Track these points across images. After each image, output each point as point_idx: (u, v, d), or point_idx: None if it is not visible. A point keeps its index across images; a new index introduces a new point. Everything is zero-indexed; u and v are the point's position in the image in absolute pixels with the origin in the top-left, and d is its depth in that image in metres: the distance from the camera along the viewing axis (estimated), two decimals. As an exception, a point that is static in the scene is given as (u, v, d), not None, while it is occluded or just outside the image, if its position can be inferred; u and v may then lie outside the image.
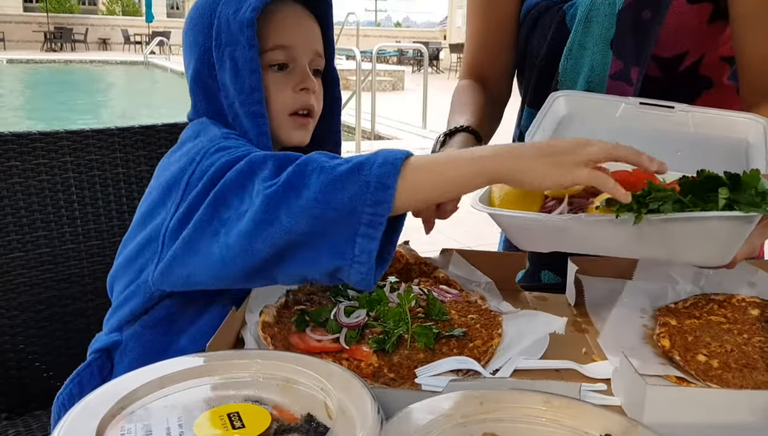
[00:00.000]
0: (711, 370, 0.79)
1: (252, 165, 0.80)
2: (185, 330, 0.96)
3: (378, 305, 0.89)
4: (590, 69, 1.13)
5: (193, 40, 1.00)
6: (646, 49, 1.09)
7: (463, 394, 0.59)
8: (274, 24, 0.98)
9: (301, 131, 1.02)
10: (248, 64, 0.93)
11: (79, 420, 0.52)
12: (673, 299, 0.98)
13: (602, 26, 1.11)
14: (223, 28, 0.95)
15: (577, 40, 1.13)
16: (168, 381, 0.58)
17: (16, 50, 26.26)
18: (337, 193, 0.73)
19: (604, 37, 1.11)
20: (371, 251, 0.72)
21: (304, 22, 1.02)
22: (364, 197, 0.72)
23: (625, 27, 1.09)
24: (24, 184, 1.28)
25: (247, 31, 0.92)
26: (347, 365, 0.80)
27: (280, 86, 0.99)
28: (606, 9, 1.10)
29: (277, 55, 0.98)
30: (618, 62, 1.11)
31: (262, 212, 0.76)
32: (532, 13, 1.21)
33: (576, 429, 0.56)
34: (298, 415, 0.55)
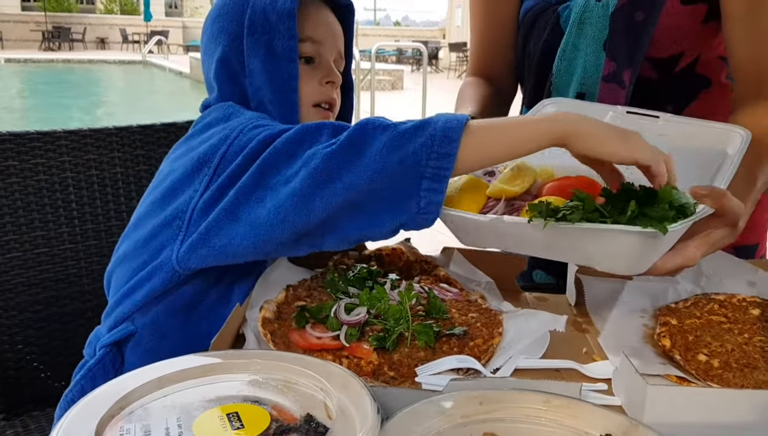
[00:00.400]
0: (712, 370, 0.79)
1: (304, 133, 0.81)
2: (206, 317, 0.95)
3: (378, 303, 0.89)
4: (583, 70, 1.13)
5: (220, 27, 1.01)
6: (639, 51, 1.09)
7: (463, 394, 0.59)
8: (308, 17, 1.01)
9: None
10: (287, 53, 0.96)
11: (78, 420, 0.52)
12: (673, 298, 0.98)
13: (595, 28, 1.11)
14: (258, 16, 0.97)
15: (571, 42, 1.14)
16: (167, 381, 0.58)
17: (14, 49, 26.24)
18: (402, 148, 0.74)
19: (597, 38, 1.11)
20: (439, 203, 0.74)
21: (332, 22, 1.06)
22: (429, 150, 0.73)
23: (618, 29, 1.09)
24: (22, 184, 1.28)
25: (288, 21, 0.96)
26: (347, 362, 0.80)
27: (307, 78, 1.02)
28: (599, 11, 1.10)
29: (307, 48, 1.02)
30: (611, 64, 1.11)
31: (321, 171, 0.76)
32: (529, 15, 1.21)
33: (576, 429, 0.56)
34: (297, 415, 0.55)
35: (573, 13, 1.13)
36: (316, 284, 0.98)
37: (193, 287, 0.94)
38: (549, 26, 1.17)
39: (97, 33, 30.39)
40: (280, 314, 0.89)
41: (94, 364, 1.00)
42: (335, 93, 1.05)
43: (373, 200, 0.75)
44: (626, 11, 1.08)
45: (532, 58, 1.22)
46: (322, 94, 1.03)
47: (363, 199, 0.75)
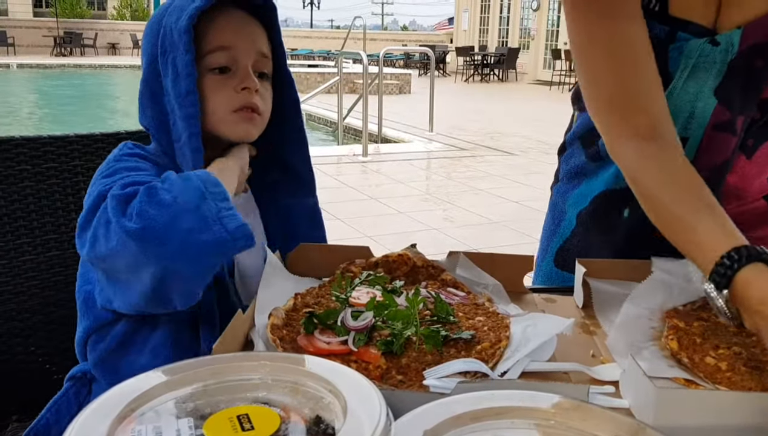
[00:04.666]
0: (719, 372, 0.79)
1: (110, 202, 0.84)
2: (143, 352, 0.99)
3: (385, 311, 0.89)
4: (690, 115, 1.06)
5: (144, 49, 1.05)
6: (754, 98, 1.03)
7: (472, 396, 0.59)
8: (215, 28, 1.02)
9: (245, 124, 1.04)
10: (185, 68, 0.97)
11: (90, 422, 0.52)
12: (681, 301, 0.98)
13: (710, 73, 1.03)
14: (167, 36, 0.99)
15: (680, 86, 1.05)
16: (178, 383, 0.58)
17: (27, 55, 26.45)
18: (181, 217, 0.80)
19: (710, 84, 1.03)
20: (241, 225, 0.82)
21: (246, 25, 1.05)
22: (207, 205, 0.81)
23: (735, 76, 1.02)
24: (35, 188, 1.29)
25: (185, 36, 0.96)
26: (355, 367, 0.80)
27: (220, 87, 1.02)
28: (716, 56, 1.02)
29: (218, 58, 1.01)
30: (724, 112, 1.04)
31: (131, 247, 0.81)
32: None
33: (584, 432, 0.56)
34: (307, 417, 0.55)
35: (685, 56, 1.03)
36: (324, 291, 0.99)
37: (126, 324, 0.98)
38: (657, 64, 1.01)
39: (108, 38, 30.57)
40: (288, 321, 0.89)
41: (60, 396, 1.04)
42: (255, 97, 1.03)
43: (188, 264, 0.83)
44: (746, 58, 1.01)
45: None
46: (238, 100, 1.02)
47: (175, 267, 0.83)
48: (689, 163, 0.96)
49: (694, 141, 1.08)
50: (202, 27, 0.99)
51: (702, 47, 1.02)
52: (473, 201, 5.52)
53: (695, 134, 1.07)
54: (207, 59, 1.01)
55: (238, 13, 1.04)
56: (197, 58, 0.99)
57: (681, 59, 1.03)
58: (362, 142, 7.73)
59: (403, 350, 0.84)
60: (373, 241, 1.14)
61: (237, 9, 1.04)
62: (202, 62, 1.01)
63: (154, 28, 1.03)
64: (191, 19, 0.96)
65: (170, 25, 0.99)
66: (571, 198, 1.27)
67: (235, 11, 1.04)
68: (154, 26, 1.03)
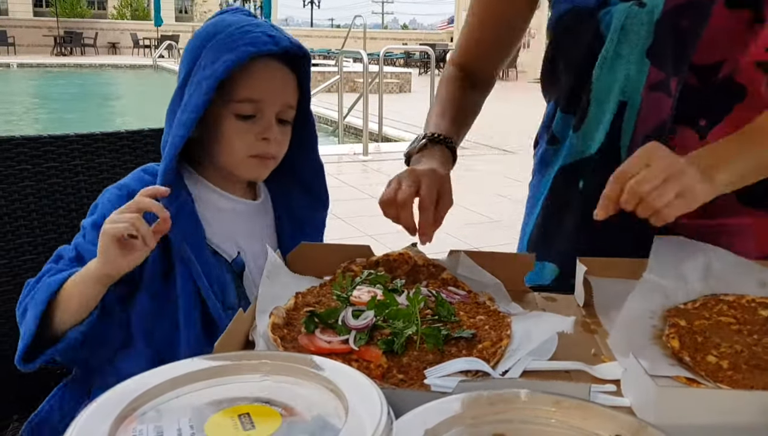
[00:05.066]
0: (721, 371, 0.79)
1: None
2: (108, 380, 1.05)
3: (386, 310, 0.89)
4: (626, 78, 1.10)
5: (182, 65, 1.10)
6: (685, 58, 1.06)
7: (473, 395, 0.59)
8: (247, 78, 1.07)
9: (258, 169, 1.13)
10: (195, 105, 1.03)
11: (91, 421, 0.52)
12: (682, 299, 0.98)
13: (639, 35, 1.07)
14: (200, 69, 1.05)
15: (612, 49, 1.10)
16: (179, 382, 0.58)
17: (27, 54, 26.46)
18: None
19: (641, 46, 1.08)
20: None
21: (278, 76, 1.10)
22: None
23: (663, 36, 1.05)
24: (35, 188, 1.29)
25: (210, 81, 1.03)
26: (356, 366, 0.80)
27: (243, 132, 1.09)
28: (643, 17, 1.07)
29: (246, 108, 1.08)
30: (658, 73, 1.08)
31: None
32: (565, 20, 1.18)
33: (586, 430, 0.56)
34: (308, 416, 0.55)
35: (614, 19, 1.09)
36: (325, 290, 0.99)
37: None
38: (589, 32, 1.12)
39: (108, 38, 30.58)
40: (289, 320, 0.89)
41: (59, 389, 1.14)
42: (272, 147, 1.10)
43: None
44: (672, 18, 1.05)
45: (568, 65, 1.20)
46: (257, 147, 1.09)
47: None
48: (465, 92, 1.30)
49: (633, 104, 1.11)
50: (236, 73, 1.04)
51: (629, 10, 1.07)
52: (474, 200, 5.52)
53: (633, 97, 1.10)
54: (235, 106, 1.07)
55: (273, 64, 1.09)
56: (225, 101, 1.06)
57: (612, 23, 1.09)
58: (363, 141, 7.72)
59: (404, 349, 0.84)
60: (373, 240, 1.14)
61: (272, 59, 1.08)
62: (230, 106, 1.07)
63: (192, 55, 1.07)
64: (226, 70, 1.02)
65: (205, 62, 1.04)
66: (540, 188, 1.29)
67: (270, 61, 1.08)
68: (194, 53, 1.07)
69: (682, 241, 1.06)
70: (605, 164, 1.08)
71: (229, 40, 1.04)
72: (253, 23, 1.08)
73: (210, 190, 1.13)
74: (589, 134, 1.16)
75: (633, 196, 0.90)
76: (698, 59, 1.06)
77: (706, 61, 1.06)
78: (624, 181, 0.91)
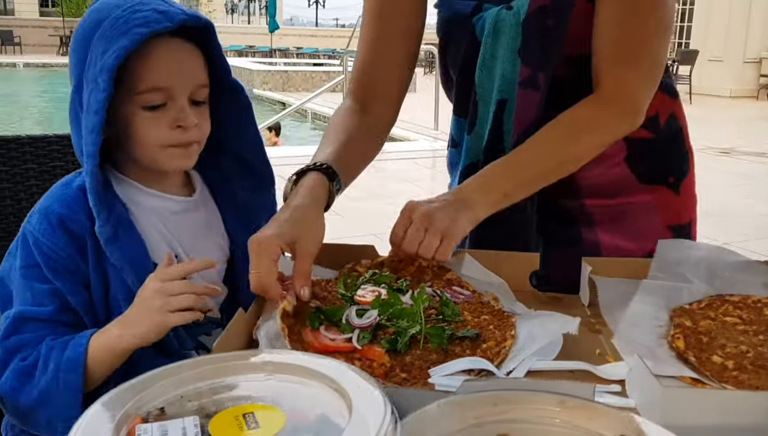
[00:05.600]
0: (726, 371, 0.79)
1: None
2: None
3: (390, 309, 0.89)
4: (501, 78, 1.14)
5: (72, 66, 1.00)
6: (552, 54, 1.11)
7: (477, 395, 0.59)
8: (148, 66, 0.96)
9: (181, 159, 1.02)
10: (95, 105, 0.93)
11: (96, 420, 0.53)
12: (687, 299, 0.97)
13: (509, 36, 1.12)
14: (91, 65, 0.95)
15: (488, 51, 1.15)
16: (183, 382, 0.58)
17: (33, 54, 26.54)
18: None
19: (512, 46, 1.12)
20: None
21: (182, 58, 1.00)
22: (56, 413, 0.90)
23: (530, 35, 1.10)
24: (41, 187, 1.30)
25: (105, 75, 0.92)
26: (359, 364, 0.81)
27: (154, 123, 0.98)
28: (511, 19, 1.11)
29: (152, 97, 0.97)
30: (526, 70, 1.12)
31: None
32: (446, 28, 1.22)
33: (590, 431, 0.56)
34: (311, 416, 0.55)
35: (487, 23, 1.14)
36: (332, 287, 0.99)
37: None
38: (466, 37, 1.17)
39: (113, 37, 30.61)
40: (298, 311, 0.89)
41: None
42: (190, 134, 1.00)
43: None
44: (536, 18, 1.10)
45: (453, 69, 1.23)
46: (173, 137, 0.99)
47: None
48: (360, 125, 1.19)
49: (511, 102, 1.15)
50: (133, 62, 0.94)
51: (499, 13, 1.13)
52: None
53: (511, 95, 1.14)
54: (140, 98, 0.97)
55: (173, 43, 0.98)
56: (128, 94, 0.96)
57: (485, 27, 1.14)
58: (367, 141, 7.72)
59: (408, 348, 0.84)
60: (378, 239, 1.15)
61: (171, 37, 0.98)
62: (135, 99, 0.97)
63: (80, 52, 0.97)
64: (118, 60, 0.91)
65: (95, 55, 0.94)
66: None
67: (170, 41, 0.98)
68: (80, 49, 0.97)
69: (686, 242, 1.06)
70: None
71: (116, 25, 0.93)
72: (139, 1, 0.96)
73: (141, 192, 1.04)
74: (480, 135, 1.20)
75: (409, 255, 1.00)
76: (572, 52, 1.11)
77: (577, 53, 1.11)
78: (398, 242, 1.00)
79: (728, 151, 8.52)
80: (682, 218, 1.23)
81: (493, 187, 1.06)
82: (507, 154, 1.11)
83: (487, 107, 1.17)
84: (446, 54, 1.25)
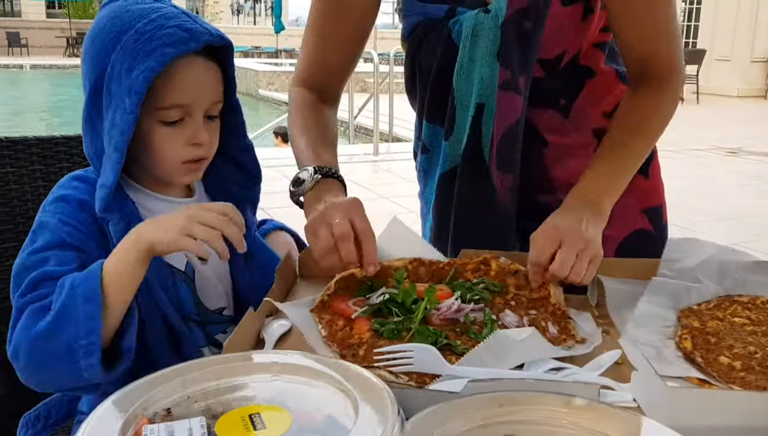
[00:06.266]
0: (733, 372, 0.79)
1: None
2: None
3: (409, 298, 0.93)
4: (480, 82, 1.15)
5: (85, 73, 1.00)
6: (530, 57, 1.13)
7: (484, 395, 0.59)
8: (173, 85, 0.97)
9: (191, 175, 1.05)
10: (123, 125, 0.94)
11: (103, 421, 0.53)
12: (696, 300, 0.97)
13: (487, 39, 1.13)
14: (115, 78, 0.95)
15: (466, 55, 1.15)
16: (190, 382, 0.59)
17: (39, 56, 26.65)
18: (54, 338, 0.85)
19: (491, 49, 1.13)
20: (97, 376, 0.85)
21: (203, 76, 1.01)
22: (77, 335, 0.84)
23: (509, 38, 1.11)
24: (48, 188, 1.29)
25: (134, 97, 0.93)
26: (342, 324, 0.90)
27: (171, 138, 1.00)
28: (489, 22, 1.12)
29: (173, 113, 0.99)
30: (506, 72, 1.13)
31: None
32: (417, 32, 1.20)
33: (596, 432, 0.56)
34: (318, 416, 0.55)
35: (465, 27, 1.14)
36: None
37: None
38: (441, 41, 1.17)
39: (119, 39, 30.71)
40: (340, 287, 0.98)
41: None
42: (203, 151, 1.03)
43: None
44: (515, 21, 1.10)
45: (426, 74, 1.22)
46: (189, 153, 1.01)
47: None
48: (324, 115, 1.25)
49: (490, 105, 1.15)
50: (157, 79, 0.95)
51: (476, 17, 1.13)
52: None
53: (490, 99, 1.15)
54: (160, 113, 0.98)
55: (197, 63, 0.99)
56: (149, 109, 0.97)
57: (462, 31, 1.14)
58: (373, 142, 7.73)
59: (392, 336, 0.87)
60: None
61: (195, 55, 0.98)
62: (155, 114, 0.98)
63: (97, 61, 0.97)
64: (146, 82, 0.92)
65: (119, 71, 0.94)
66: (426, 196, 1.33)
67: (194, 60, 0.99)
68: (98, 58, 0.97)
69: (695, 241, 1.06)
70: (472, 167, 1.18)
71: (141, 40, 0.93)
72: (162, 13, 0.97)
73: (149, 197, 1.06)
74: (459, 140, 1.20)
75: (557, 278, 0.97)
76: (543, 54, 1.14)
77: (549, 55, 1.14)
78: (541, 264, 0.97)
79: (736, 151, 8.48)
80: (654, 200, 1.28)
81: (613, 189, 1.08)
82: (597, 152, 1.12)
83: (465, 112, 1.18)
84: (416, 59, 1.23)
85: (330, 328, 0.90)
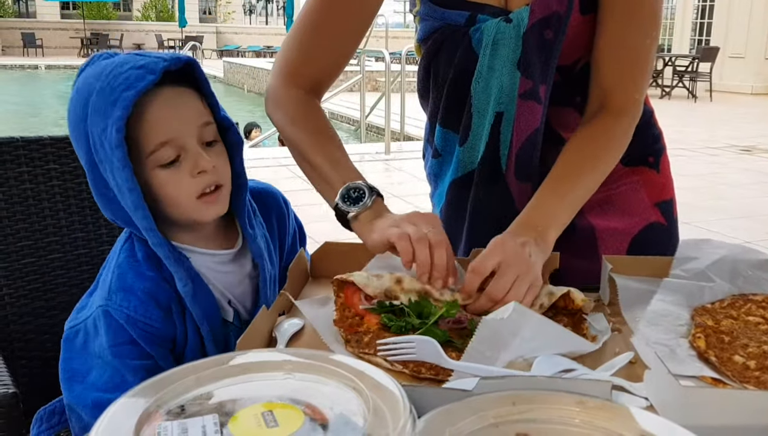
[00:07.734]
0: (748, 371, 0.78)
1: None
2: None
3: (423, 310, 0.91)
4: (499, 90, 1.14)
5: (79, 155, 1.00)
6: (551, 66, 1.12)
7: (496, 394, 0.59)
8: (149, 124, 0.94)
9: (213, 207, 1.00)
10: (126, 183, 0.93)
11: (118, 418, 0.53)
12: (709, 298, 0.97)
13: (508, 48, 1.12)
14: (98, 146, 0.94)
15: (486, 64, 1.14)
16: (204, 380, 0.59)
17: (54, 56, 26.86)
18: None
19: (511, 58, 1.13)
20: None
21: (176, 103, 0.97)
22: None
23: (530, 48, 1.11)
24: (62, 187, 1.31)
25: (117, 152, 0.91)
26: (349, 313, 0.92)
27: (175, 178, 0.97)
28: (511, 32, 1.11)
29: (164, 154, 0.95)
30: (527, 82, 1.13)
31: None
32: (436, 37, 1.19)
33: (610, 431, 0.56)
34: (330, 414, 0.55)
35: (485, 35, 1.13)
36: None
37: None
38: (461, 49, 1.16)
39: (133, 39, 30.89)
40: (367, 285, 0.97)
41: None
42: (213, 176, 0.98)
43: None
44: (537, 30, 1.10)
45: (442, 79, 1.21)
46: (198, 184, 0.97)
47: None
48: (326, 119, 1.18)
49: (509, 114, 1.15)
50: (132, 125, 0.93)
51: (498, 25, 1.12)
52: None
53: (509, 108, 1.15)
54: (153, 158, 0.95)
55: (164, 93, 0.95)
56: (140, 158, 0.95)
57: (483, 39, 1.13)
58: (385, 140, 7.73)
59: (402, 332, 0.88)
60: (395, 239, 1.15)
61: (160, 88, 0.95)
62: (148, 162, 0.95)
63: (80, 137, 0.96)
64: (120, 132, 0.90)
65: (97, 135, 0.93)
66: (435, 199, 1.33)
67: (159, 91, 0.95)
68: (79, 133, 0.96)
69: (708, 241, 1.05)
70: (489, 175, 1.18)
71: (103, 96, 0.92)
72: (115, 64, 0.95)
73: (196, 254, 1.03)
74: (474, 147, 1.19)
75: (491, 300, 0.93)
76: (562, 61, 1.13)
77: (567, 61, 1.14)
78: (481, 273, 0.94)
79: (750, 148, 8.41)
80: (665, 194, 1.28)
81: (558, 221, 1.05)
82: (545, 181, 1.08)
83: (483, 120, 1.17)
84: (432, 64, 1.22)
85: (342, 313, 0.93)
